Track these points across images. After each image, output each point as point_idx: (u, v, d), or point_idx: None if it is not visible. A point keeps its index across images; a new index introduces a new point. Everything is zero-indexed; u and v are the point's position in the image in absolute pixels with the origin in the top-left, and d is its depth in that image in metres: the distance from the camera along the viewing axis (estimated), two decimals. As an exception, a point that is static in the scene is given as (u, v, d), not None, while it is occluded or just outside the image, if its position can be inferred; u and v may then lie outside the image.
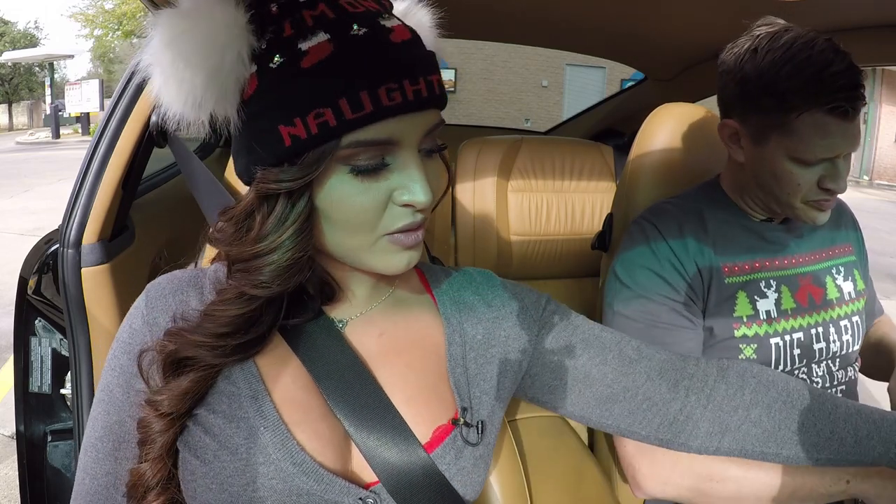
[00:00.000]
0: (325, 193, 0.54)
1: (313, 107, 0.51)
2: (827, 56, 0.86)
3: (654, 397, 0.69)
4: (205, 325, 0.57)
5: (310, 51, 0.51)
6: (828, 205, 0.96)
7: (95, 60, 28.00)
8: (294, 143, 0.52)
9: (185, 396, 0.57)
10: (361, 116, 0.51)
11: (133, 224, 1.08)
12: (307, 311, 0.62)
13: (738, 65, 0.94)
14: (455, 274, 0.74)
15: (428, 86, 0.54)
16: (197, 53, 0.52)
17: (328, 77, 0.51)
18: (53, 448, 1.05)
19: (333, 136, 0.51)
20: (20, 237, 5.81)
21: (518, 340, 0.70)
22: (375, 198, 0.55)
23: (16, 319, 1.06)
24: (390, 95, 0.51)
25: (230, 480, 0.56)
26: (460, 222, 1.64)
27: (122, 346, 0.62)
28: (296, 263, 0.56)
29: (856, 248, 1.15)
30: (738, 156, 1.00)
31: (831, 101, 0.85)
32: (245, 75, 0.54)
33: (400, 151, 0.55)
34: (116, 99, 0.98)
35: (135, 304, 0.63)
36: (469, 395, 0.65)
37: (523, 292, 0.73)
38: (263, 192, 0.54)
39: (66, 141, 16.04)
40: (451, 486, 0.60)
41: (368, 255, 0.58)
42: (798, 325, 1.01)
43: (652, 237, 1.02)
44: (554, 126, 2.77)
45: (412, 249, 0.58)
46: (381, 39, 0.53)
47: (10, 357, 1.75)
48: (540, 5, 1.35)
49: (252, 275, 0.56)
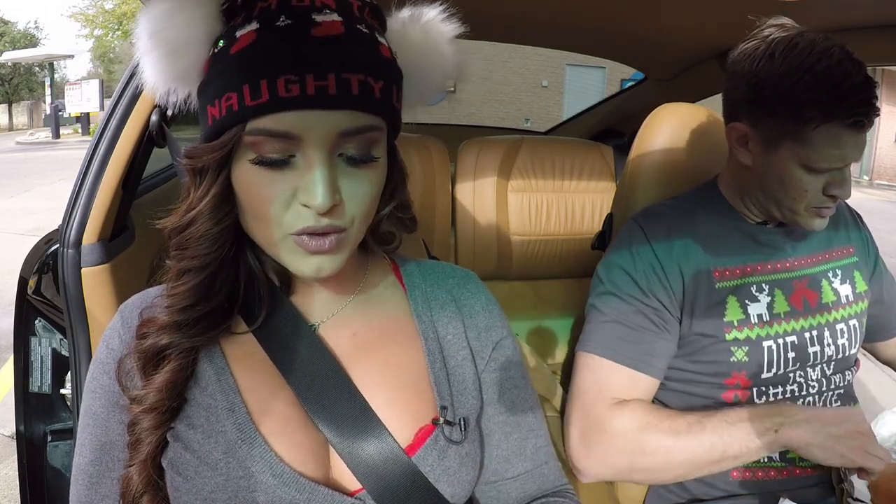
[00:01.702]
0: (237, 176, 0.56)
1: (225, 90, 0.53)
2: (845, 67, 0.85)
3: (511, 493, 0.71)
4: (168, 302, 0.59)
5: (240, 38, 0.53)
6: (828, 212, 0.96)
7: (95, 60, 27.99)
8: (213, 123, 0.55)
9: (167, 388, 0.58)
10: (258, 104, 0.52)
11: (133, 224, 1.08)
12: (273, 300, 0.63)
13: (753, 69, 0.92)
14: (430, 267, 0.74)
15: (341, 84, 0.52)
16: (165, 30, 0.55)
17: (243, 64, 0.53)
18: (53, 448, 1.05)
19: (238, 121, 0.53)
20: (20, 237, 5.80)
21: (479, 354, 0.70)
22: (278, 192, 0.54)
23: (16, 319, 1.06)
24: (288, 87, 0.51)
25: (213, 496, 0.56)
26: (460, 222, 1.64)
27: (101, 366, 0.63)
28: (215, 235, 0.58)
29: (858, 249, 1.14)
30: (745, 159, 0.99)
31: (851, 115, 0.85)
32: (203, 56, 0.56)
33: (306, 149, 0.54)
34: (116, 99, 0.97)
35: (110, 325, 0.64)
36: (450, 392, 0.65)
37: (494, 314, 0.73)
38: (189, 168, 0.57)
39: (66, 141, 16.02)
40: (436, 490, 0.60)
41: (278, 251, 0.58)
42: (791, 328, 1.01)
43: (636, 240, 1.03)
44: (554, 126, 2.77)
45: (321, 255, 0.56)
46: (300, 32, 0.52)
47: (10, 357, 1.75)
48: (540, 5, 1.35)
49: (184, 249, 0.58)
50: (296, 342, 0.62)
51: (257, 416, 0.59)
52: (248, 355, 0.62)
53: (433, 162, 1.56)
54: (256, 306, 0.62)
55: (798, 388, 1.01)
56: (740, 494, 1.01)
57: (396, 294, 0.70)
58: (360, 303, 0.68)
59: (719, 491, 1.02)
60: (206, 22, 0.55)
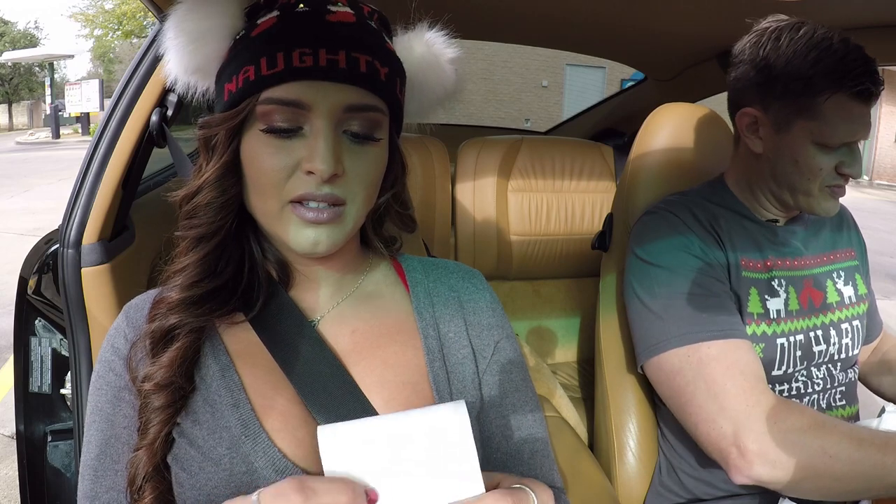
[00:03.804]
0: (245, 148, 0.59)
1: (243, 65, 0.58)
2: (846, 45, 0.90)
3: None
4: (176, 281, 0.62)
5: (261, 24, 0.59)
6: (840, 192, 0.97)
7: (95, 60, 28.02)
8: (229, 97, 0.59)
9: (176, 364, 0.59)
10: (274, 73, 0.56)
11: (133, 224, 1.08)
12: (271, 292, 0.65)
13: (761, 52, 0.95)
14: (433, 263, 0.74)
15: (350, 61, 0.56)
16: (196, 26, 0.60)
17: (262, 43, 0.57)
18: (53, 448, 1.05)
19: (254, 91, 0.57)
20: (20, 237, 5.81)
21: (480, 353, 0.69)
22: (283, 161, 0.57)
23: (16, 319, 1.06)
24: (302, 58, 0.56)
25: (216, 491, 0.57)
26: (460, 222, 1.65)
27: (106, 364, 0.64)
28: (220, 204, 0.61)
29: (858, 253, 1.15)
30: (756, 147, 1.00)
31: (857, 83, 0.89)
32: (224, 48, 0.61)
33: (314, 119, 0.57)
34: (116, 99, 0.98)
35: (114, 325, 0.66)
36: (449, 390, 0.65)
37: (497, 313, 0.73)
38: (202, 139, 0.61)
39: (66, 141, 16.04)
40: None
41: (277, 224, 0.60)
42: (799, 326, 1.01)
43: (674, 223, 1.02)
44: (554, 126, 2.77)
45: (319, 227, 0.58)
46: (317, 17, 0.58)
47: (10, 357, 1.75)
48: (540, 5, 1.35)
49: (191, 219, 0.62)
50: (296, 338, 0.63)
51: (260, 412, 0.60)
52: (251, 353, 0.63)
53: (433, 162, 1.56)
54: (255, 293, 0.65)
55: (803, 386, 1.02)
56: (740, 494, 1.01)
57: (397, 292, 0.71)
58: (359, 298, 0.68)
59: (720, 491, 1.02)
60: (227, 18, 0.60)
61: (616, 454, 1.17)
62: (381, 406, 0.62)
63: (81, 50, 33.11)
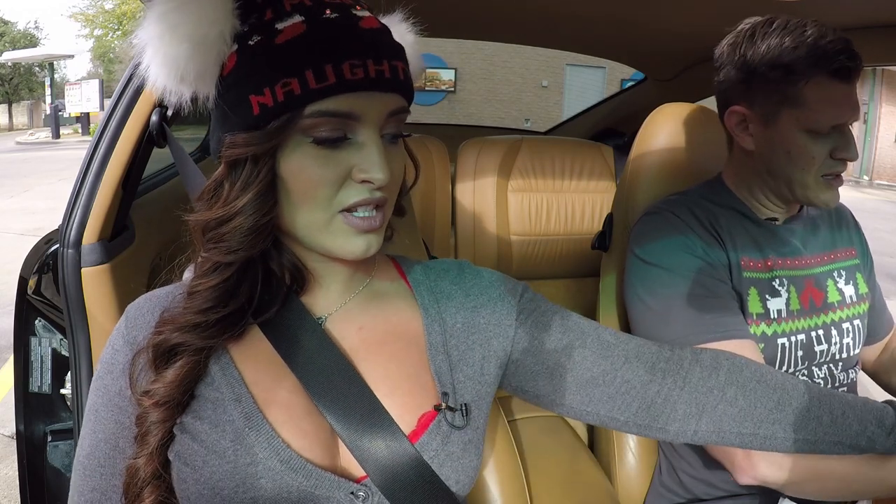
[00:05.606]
0: (287, 162, 0.57)
1: (281, 77, 0.55)
2: (821, 30, 0.91)
3: (632, 380, 0.70)
4: (189, 303, 0.60)
5: (284, 30, 0.56)
6: (838, 182, 0.97)
7: (95, 60, 28.00)
8: (262, 111, 0.55)
9: (178, 384, 0.59)
10: (325, 87, 0.55)
11: (133, 224, 1.08)
12: (283, 301, 0.64)
13: (738, 52, 0.96)
14: (430, 264, 0.75)
15: (392, 70, 0.58)
16: (184, 25, 0.56)
17: (298, 52, 0.55)
18: (53, 448, 1.05)
19: (298, 105, 0.55)
20: (20, 237, 5.81)
21: (499, 326, 0.70)
22: (334, 171, 0.57)
23: (16, 319, 1.06)
24: (353, 71, 0.55)
25: (221, 484, 0.57)
26: (460, 222, 1.65)
27: (106, 366, 0.64)
28: (258, 228, 0.58)
29: (859, 252, 1.14)
30: (747, 143, 1.00)
31: (834, 62, 0.90)
32: (226, 53, 0.57)
33: (361, 129, 0.57)
34: (116, 99, 0.97)
35: (116, 327, 0.65)
36: (452, 380, 0.66)
37: (500, 280, 0.74)
38: (231, 159, 0.57)
39: (66, 141, 16.04)
40: (438, 477, 0.61)
41: (325, 235, 0.59)
42: (800, 326, 1.01)
43: (675, 223, 1.02)
44: (554, 126, 2.77)
45: (370, 234, 0.60)
46: (350, 23, 0.57)
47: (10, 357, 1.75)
48: (540, 5, 1.35)
49: (220, 243, 0.59)
50: (301, 335, 0.63)
51: (263, 405, 0.60)
52: (251, 349, 0.63)
53: (433, 162, 1.57)
54: (270, 304, 0.64)
55: None
56: (740, 494, 1.01)
57: (401, 289, 0.72)
58: (365, 297, 0.69)
59: (720, 490, 1.02)
60: (220, 18, 0.57)
61: (616, 454, 1.18)
62: (385, 397, 0.62)
63: (81, 50, 33.13)
